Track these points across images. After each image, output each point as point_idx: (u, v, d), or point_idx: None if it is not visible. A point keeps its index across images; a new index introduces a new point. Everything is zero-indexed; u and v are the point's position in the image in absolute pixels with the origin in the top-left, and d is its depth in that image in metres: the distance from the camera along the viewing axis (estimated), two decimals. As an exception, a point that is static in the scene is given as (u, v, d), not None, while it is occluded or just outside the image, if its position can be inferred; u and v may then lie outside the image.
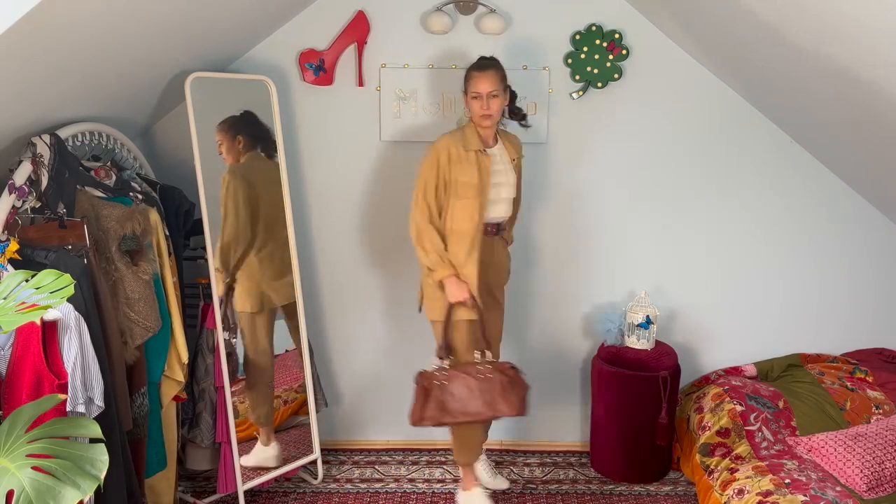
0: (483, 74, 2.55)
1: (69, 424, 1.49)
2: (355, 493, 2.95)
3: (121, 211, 2.28)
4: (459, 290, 2.56)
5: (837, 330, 3.23)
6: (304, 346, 2.91)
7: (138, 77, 2.50)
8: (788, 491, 2.34)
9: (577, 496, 2.93)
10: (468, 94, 2.59)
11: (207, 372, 2.74)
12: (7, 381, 1.78)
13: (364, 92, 3.02)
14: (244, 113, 2.78)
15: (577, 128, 3.06)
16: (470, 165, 2.57)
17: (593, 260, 3.18)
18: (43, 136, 2.09)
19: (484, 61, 2.60)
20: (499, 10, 2.92)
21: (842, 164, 3.00)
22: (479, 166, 2.58)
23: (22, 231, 2.04)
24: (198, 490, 2.95)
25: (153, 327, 2.32)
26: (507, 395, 2.57)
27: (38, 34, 1.70)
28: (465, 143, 2.59)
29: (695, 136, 3.07)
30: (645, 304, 3.04)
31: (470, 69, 2.60)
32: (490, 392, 2.57)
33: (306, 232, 3.13)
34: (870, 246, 3.16)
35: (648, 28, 2.97)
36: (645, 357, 3.00)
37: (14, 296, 1.46)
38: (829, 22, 1.91)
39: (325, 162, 3.09)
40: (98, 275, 2.12)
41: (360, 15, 2.94)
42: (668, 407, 2.89)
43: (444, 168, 2.58)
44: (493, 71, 2.56)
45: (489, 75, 2.54)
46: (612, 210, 3.13)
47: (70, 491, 1.31)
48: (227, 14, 2.49)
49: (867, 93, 2.16)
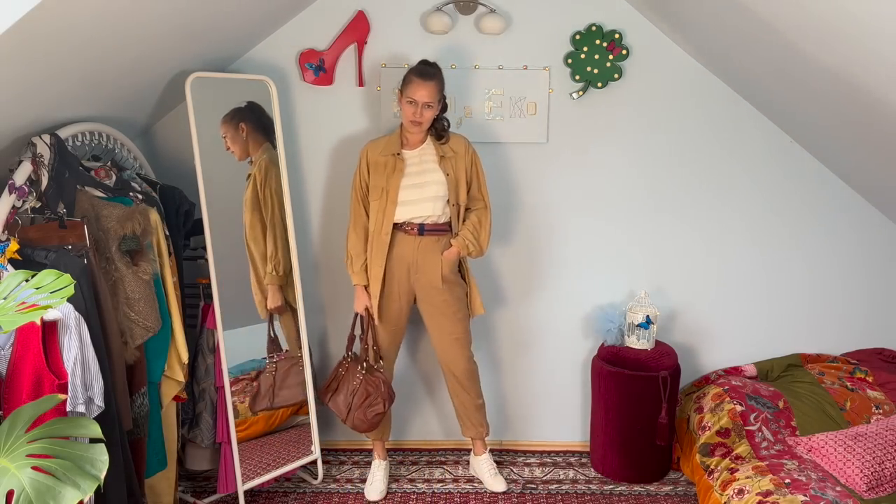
0: (423, 83, 2.58)
1: (69, 424, 1.49)
2: (355, 493, 2.95)
3: (121, 211, 2.28)
4: (357, 301, 2.80)
5: (837, 330, 3.23)
6: (304, 346, 2.91)
7: (138, 77, 2.50)
8: (788, 491, 2.34)
9: (577, 496, 2.93)
10: (403, 95, 2.63)
11: (207, 372, 2.74)
12: (7, 381, 1.78)
13: (364, 92, 3.02)
14: (249, 103, 2.78)
15: (577, 128, 3.06)
16: (382, 169, 2.69)
17: (593, 260, 3.18)
18: (43, 136, 2.09)
19: (427, 69, 2.64)
20: (499, 10, 2.92)
21: (842, 165, 3.00)
22: (391, 169, 2.67)
23: (22, 231, 2.04)
24: (198, 490, 2.95)
25: (153, 327, 2.32)
26: (362, 407, 2.76)
27: (39, 34, 1.70)
28: (384, 148, 2.71)
29: (695, 135, 3.07)
30: (645, 304, 3.04)
31: (411, 72, 2.63)
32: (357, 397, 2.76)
33: (306, 231, 3.13)
34: (870, 246, 3.16)
35: (648, 28, 2.97)
36: (645, 357, 3.00)
37: (14, 296, 1.46)
38: (829, 21, 1.91)
39: (325, 162, 3.09)
40: (98, 275, 2.12)
41: (360, 15, 2.94)
42: (668, 407, 2.89)
43: (363, 173, 2.74)
44: (435, 82, 2.60)
45: (429, 86, 2.59)
46: (612, 210, 3.13)
47: (70, 491, 1.32)
48: (227, 14, 2.49)
49: (867, 92, 2.16)
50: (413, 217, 2.70)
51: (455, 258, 2.76)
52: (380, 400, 2.75)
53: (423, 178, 2.69)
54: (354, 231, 2.77)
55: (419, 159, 2.72)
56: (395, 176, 2.67)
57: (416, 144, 2.73)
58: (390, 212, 2.68)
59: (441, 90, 2.65)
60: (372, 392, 2.75)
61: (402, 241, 2.72)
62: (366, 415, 2.75)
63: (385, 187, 2.68)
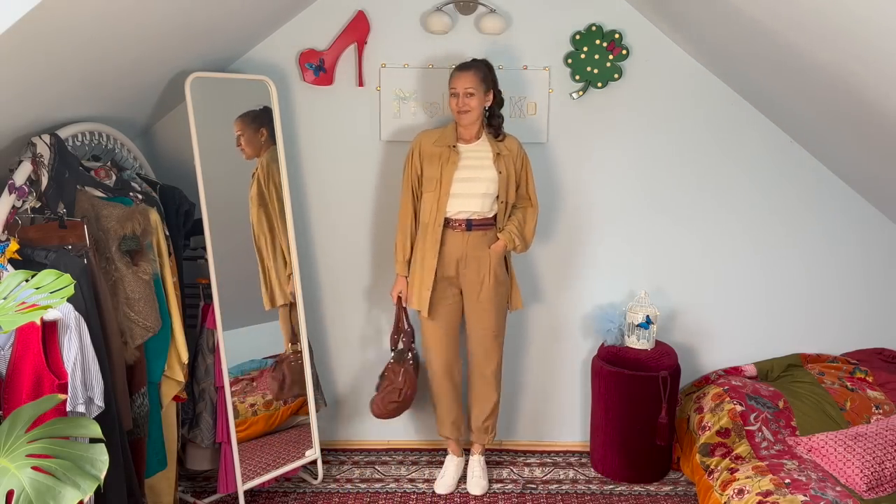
0: (461, 74, 2.67)
1: (69, 424, 1.49)
2: (355, 493, 2.95)
3: (121, 211, 2.28)
4: (394, 287, 2.88)
5: (837, 330, 3.23)
6: (304, 346, 2.91)
7: (138, 77, 2.50)
8: (788, 491, 2.34)
9: (577, 496, 2.93)
10: (449, 92, 2.72)
11: (207, 372, 2.74)
12: (7, 381, 1.78)
13: (364, 92, 3.02)
14: (264, 108, 2.80)
15: (577, 128, 3.06)
16: (436, 160, 2.72)
17: (593, 260, 3.18)
18: (43, 136, 2.09)
19: (466, 62, 2.73)
20: (499, 10, 2.92)
21: (842, 164, 3.00)
22: (445, 160, 2.70)
23: (22, 231, 2.04)
24: (198, 490, 2.95)
25: (153, 327, 2.32)
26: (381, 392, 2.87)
27: (39, 34, 1.70)
28: (439, 139, 2.75)
29: (695, 135, 3.07)
30: (645, 304, 3.04)
31: (453, 69, 2.73)
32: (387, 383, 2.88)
33: (306, 231, 3.13)
34: (870, 246, 3.16)
35: (648, 28, 2.97)
36: (645, 357, 3.00)
37: (14, 296, 1.46)
38: (828, 18, 1.91)
39: (325, 162, 3.09)
40: (98, 275, 2.12)
41: (360, 15, 2.94)
42: (668, 407, 2.89)
43: (416, 163, 2.78)
44: (472, 71, 2.67)
45: (467, 75, 2.66)
46: (612, 210, 3.13)
47: (70, 491, 1.32)
48: (227, 14, 2.49)
49: (866, 91, 2.16)
50: (460, 210, 2.72)
51: (502, 251, 2.78)
52: (396, 390, 2.81)
53: (476, 173, 2.72)
54: (402, 222, 2.83)
55: (475, 154, 2.74)
56: (449, 167, 2.70)
57: (471, 139, 2.76)
58: (443, 203, 2.71)
59: (484, 79, 2.68)
60: (393, 379, 2.83)
61: (451, 238, 2.74)
62: (383, 401, 2.84)
63: (438, 178, 2.71)
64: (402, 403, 2.87)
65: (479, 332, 2.85)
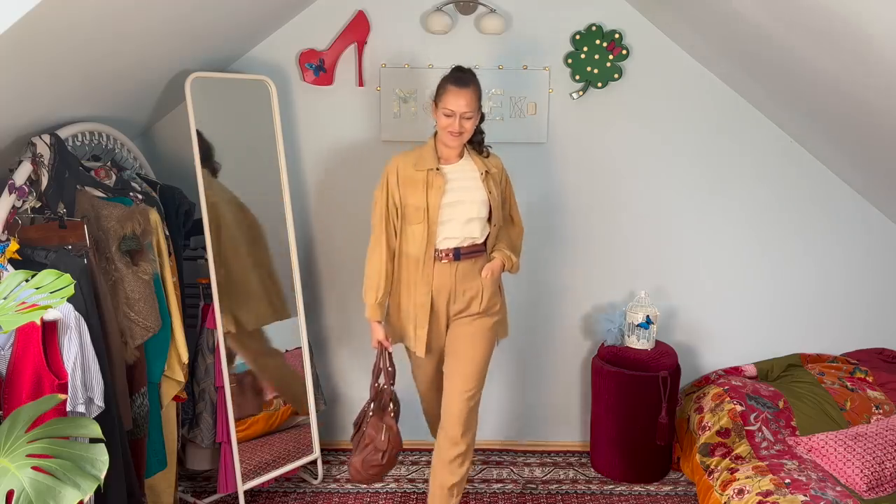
0: (461, 92, 2.32)
1: (69, 424, 1.49)
2: (355, 493, 2.95)
3: (121, 211, 2.28)
4: (373, 337, 2.55)
5: (837, 330, 3.23)
6: (304, 346, 2.91)
7: (138, 77, 2.50)
8: (788, 491, 2.34)
9: (577, 496, 2.93)
10: (439, 107, 2.36)
11: (207, 372, 2.74)
12: (7, 381, 1.78)
13: (364, 92, 3.02)
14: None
15: (577, 128, 3.06)
16: (420, 186, 2.39)
17: (593, 260, 3.18)
18: (43, 136, 2.09)
19: (463, 75, 2.38)
20: (499, 10, 2.92)
21: (842, 165, 3.00)
22: (430, 186, 2.38)
23: (22, 231, 2.04)
24: (198, 490, 2.95)
25: (153, 327, 2.32)
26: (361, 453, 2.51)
27: (39, 34, 1.70)
28: (418, 162, 2.42)
29: (695, 136, 3.07)
30: (645, 304, 3.04)
31: (446, 80, 2.38)
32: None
33: (306, 232, 3.14)
34: (870, 246, 3.16)
35: (648, 28, 2.97)
36: (645, 357, 3.00)
37: (14, 296, 1.46)
38: (828, 20, 1.91)
39: (324, 162, 3.09)
40: (98, 275, 2.12)
41: (360, 15, 2.94)
42: (668, 407, 2.89)
43: (393, 190, 2.43)
44: (472, 89, 2.35)
45: (467, 94, 2.33)
46: (611, 210, 3.13)
47: (70, 491, 1.32)
48: (228, 14, 2.48)
49: (867, 92, 2.16)
50: (447, 237, 2.42)
51: (499, 270, 2.49)
52: (378, 451, 2.47)
53: (464, 195, 2.41)
54: (376, 257, 2.48)
55: (461, 175, 2.44)
56: (435, 193, 2.37)
57: (454, 159, 2.45)
58: (433, 232, 2.40)
59: (480, 97, 2.39)
60: (374, 437, 2.49)
61: (438, 270, 2.43)
62: (364, 464, 2.48)
63: (425, 207, 2.38)
64: (386, 466, 2.53)
65: (456, 364, 2.48)
